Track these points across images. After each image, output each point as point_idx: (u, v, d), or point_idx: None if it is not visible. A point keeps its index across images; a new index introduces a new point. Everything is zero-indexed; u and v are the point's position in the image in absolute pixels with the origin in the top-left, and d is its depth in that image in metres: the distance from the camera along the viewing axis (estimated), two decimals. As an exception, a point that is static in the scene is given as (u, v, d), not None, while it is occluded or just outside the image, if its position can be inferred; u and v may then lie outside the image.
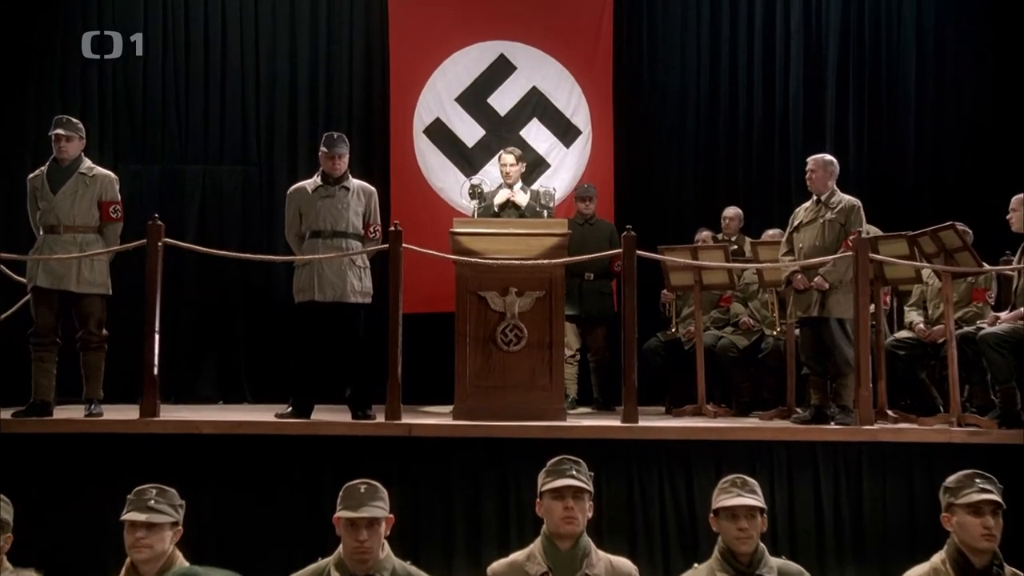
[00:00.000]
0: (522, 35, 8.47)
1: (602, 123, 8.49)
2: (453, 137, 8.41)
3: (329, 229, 6.11)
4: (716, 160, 8.70)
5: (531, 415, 5.72)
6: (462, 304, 5.91)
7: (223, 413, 6.82)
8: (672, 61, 8.72)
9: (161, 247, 5.83)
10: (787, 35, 8.69)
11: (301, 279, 6.13)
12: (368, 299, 6.19)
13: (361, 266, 6.19)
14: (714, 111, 8.70)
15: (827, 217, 6.20)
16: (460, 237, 6.09)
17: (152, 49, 8.42)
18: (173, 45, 8.43)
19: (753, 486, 3.61)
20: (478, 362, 5.86)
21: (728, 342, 7.24)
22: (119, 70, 8.39)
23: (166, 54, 8.42)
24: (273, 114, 8.47)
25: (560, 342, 6.00)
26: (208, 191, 8.37)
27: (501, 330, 5.82)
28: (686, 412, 6.93)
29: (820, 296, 6.11)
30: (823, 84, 8.66)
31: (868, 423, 5.80)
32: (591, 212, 7.77)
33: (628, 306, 5.84)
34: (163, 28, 8.44)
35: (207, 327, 8.30)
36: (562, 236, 6.12)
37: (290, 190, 6.37)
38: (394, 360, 5.75)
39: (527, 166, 7.67)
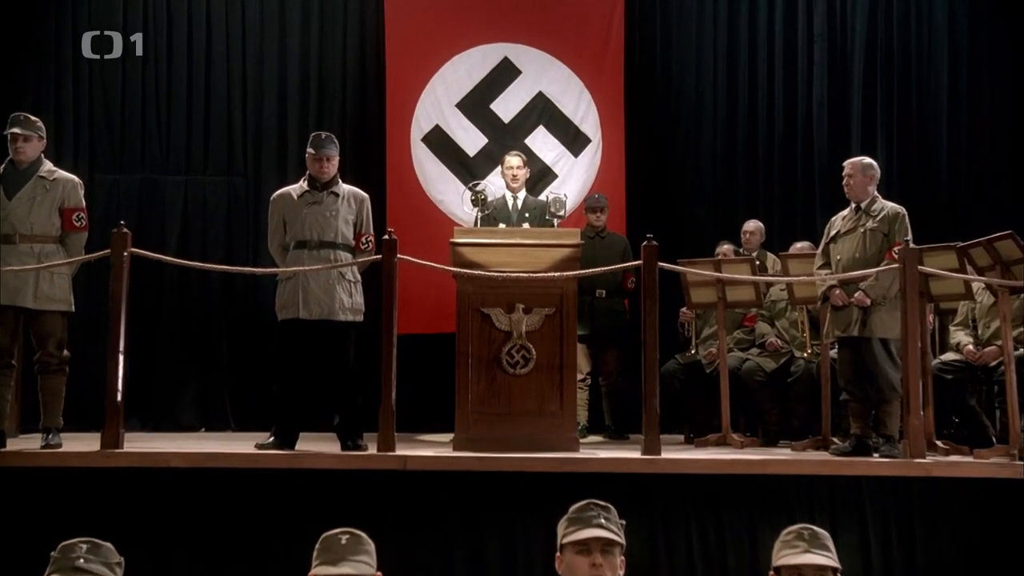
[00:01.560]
0: (527, 37, 8.06)
1: (613, 130, 8.07)
2: (453, 146, 7.99)
3: (316, 239, 5.66)
4: (735, 170, 8.25)
5: (540, 445, 5.30)
6: (464, 322, 5.51)
7: (198, 443, 6.30)
8: (687, 64, 8.30)
9: (127, 258, 5.25)
10: (810, 36, 8.25)
11: (284, 294, 5.67)
12: (359, 317, 5.75)
13: (351, 280, 5.72)
14: (732, 118, 8.26)
15: (868, 226, 5.69)
16: (461, 248, 5.68)
17: (130, 52, 7.95)
18: (154, 47, 7.97)
19: (824, 540, 2.98)
20: (481, 386, 5.46)
21: (754, 365, 6.71)
22: (95, 74, 7.93)
23: (146, 57, 7.96)
24: (261, 121, 8.03)
25: (572, 364, 5.62)
26: (191, 203, 7.91)
27: (507, 351, 5.42)
28: (709, 442, 6.43)
29: (861, 314, 5.59)
30: (849, 88, 8.20)
31: (919, 456, 5.24)
32: (602, 224, 7.37)
33: (649, 324, 5.36)
34: (143, 29, 7.97)
35: (188, 348, 7.82)
36: (574, 247, 5.71)
37: (274, 196, 5.91)
38: (388, 385, 5.28)
39: (532, 177, 7.28)
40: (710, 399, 6.70)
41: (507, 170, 6.88)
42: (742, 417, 6.92)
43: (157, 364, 7.65)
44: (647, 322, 5.40)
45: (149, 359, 7.56)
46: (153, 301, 7.68)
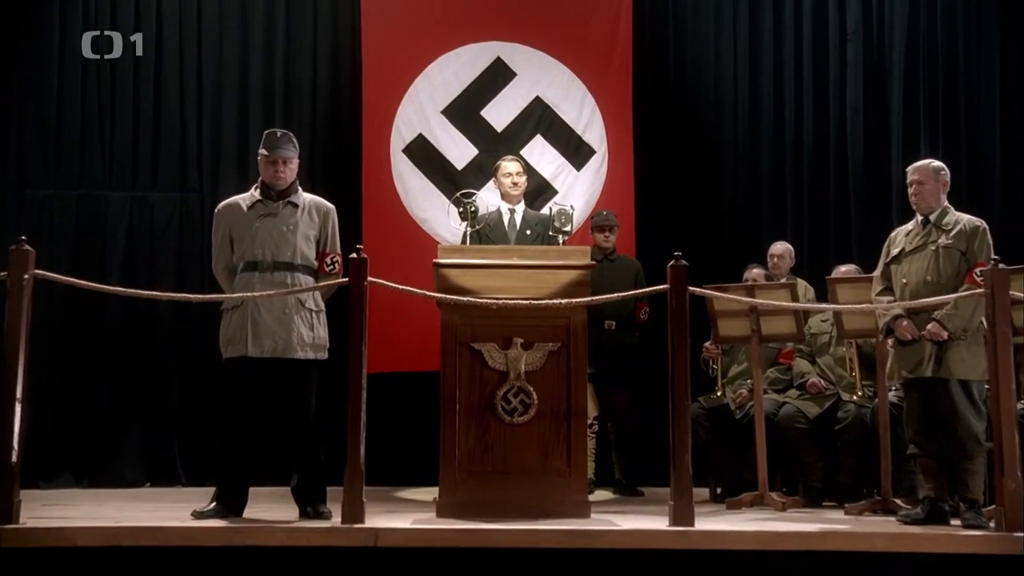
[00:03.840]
0: (523, 35, 7.48)
1: (620, 140, 7.47)
2: (439, 157, 7.35)
3: (269, 259, 4.85)
4: (759, 185, 7.65)
5: (543, 511, 4.59)
6: (450, 360, 4.82)
7: (133, 506, 5.39)
8: (704, 66, 7.71)
9: (28, 281, 4.24)
10: (843, 34, 7.63)
11: (231, 327, 4.85)
12: (322, 354, 4.94)
13: (313, 309, 4.90)
14: (755, 126, 7.67)
15: (941, 243, 4.80)
16: (447, 271, 4.92)
17: (69, 51, 7.17)
18: (95, 45, 7.19)
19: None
20: (471, 439, 4.78)
21: (793, 410, 5.82)
22: (27, 78, 7.14)
23: (86, 57, 7.19)
24: (218, 130, 7.32)
25: (582, 410, 4.94)
26: (136, 222, 7.16)
27: (502, 395, 4.78)
28: (744, 502, 5.57)
29: (935, 350, 4.67)
30: (887, 92, 7.61)
31: (1016, 527, 4.25)
32: (611, 246, 6.72)
33: (678, 363, 4.49)
34: (84, 24, 7.18)
35: (132, 390, 7.01)
36: (583, 269, 4.95)
37: (219, 207, 5.11)
38: (355, 439, 4.38)
39: (529, 192, 6.54)
40: (741, 450, 5.94)
41: (504, 177, 6.06)
42: (778, 471, 6.00)
43: (96, 409, 6.90)
44: (676, 360, 4.50)
45: (87, 403, 6.86)
46: (92, 336, 6.95)
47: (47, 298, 6.16)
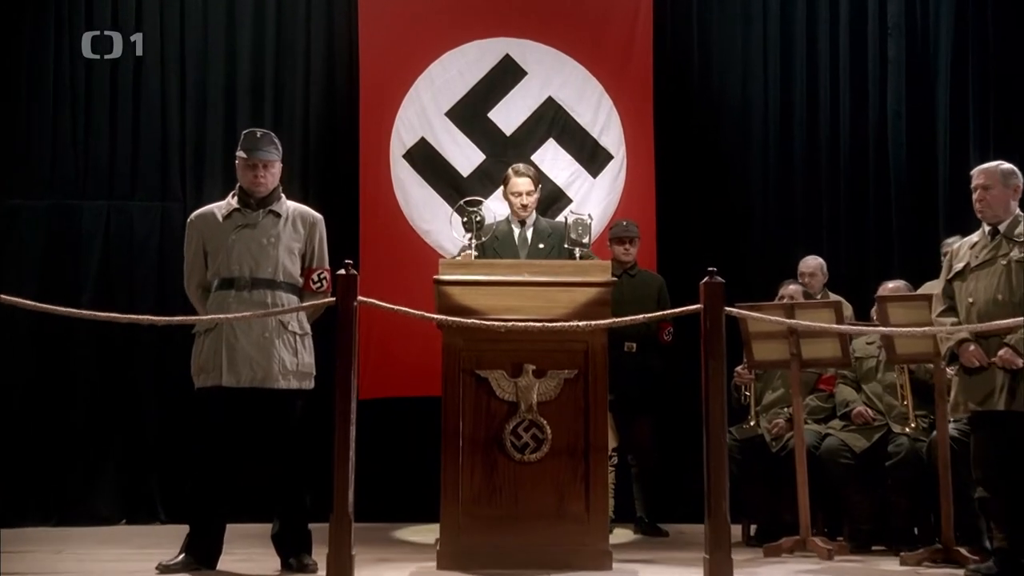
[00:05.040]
0: (534, 30, 7.06)
1: (640, 144, 7.05)
2: (443, 163, 6.91)
3: (247, 276, 4.46)
4: (791, 194, 7.18)
5: (558, 561, 4.25)
6: (452, 389, 4.43)
7: (87, 556, 4.89)
8: (731, 63, 7.27)
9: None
10: (883, 29, 7.16)
11: (203, 352, 4.46)
12: (307, 383, 4.55)
13: (297, 332, 4.51)
14: (787, 130, 7.21)
15: (1013, 256, 4.28)
16: (449, 289, 4.49)
17: (43, 49, 6.70)
18: (69, 44, 6.71)
19: None
20: (476, 479, 4.38)
21: (838, 443, 5.28)
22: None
23: (59, 54, 6.70)
24: (203, 133, 6.84)
25: (602, 446, 4.53)
26: (113, 233, 6.68)
27: (512, 429, 4.39)
28: (784, 548, 5.01)
29: (1008, 379, 4.15)
30: (933, 93, 7.16)
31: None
32: (632, 259, 6.25)
33: (714, 393, 3.97)
34: (55, 25, 6.70)
35: (108, 420, 6.50)
36: (603, 287, 4.51)
37: (191, 217, 4.73)
38: (342, 483, 3.90)
39: (541, 202, 5.97)
40: (777, 485, 5.42)
41: (512, 196, 5.50)
42: (820, 512, 5.44)
43: (69, 441, 6.39)
44: (711, 391, 3.98)
45: (58, 434, 6.34)
46: (62, 358, 6.46)
47: (10, 318, 5.65)
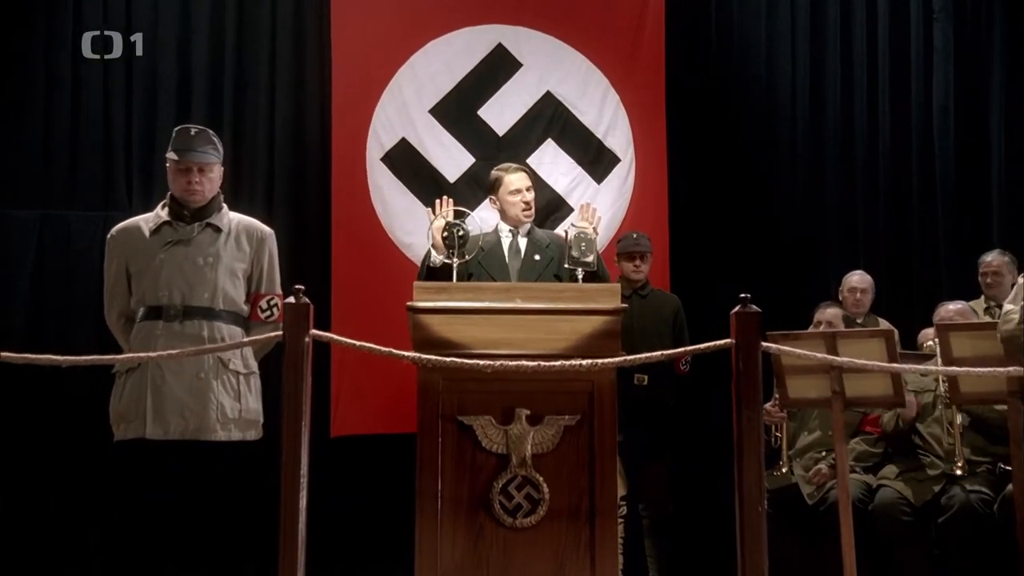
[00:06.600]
0: (530, 17, 6.70)
1: (650, 147, 6.70)
2: (426, 167, 6.54)
3: (179, 303, 4.00)
4: (822, 202, 6.80)
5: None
6: (430, 439, 3.91)
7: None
8: (754, 55, 6.90)
9: None
10: (928, 12, 6.76)
11: (123, 397, 4.03)
12: (252, 433, 4.11)
13: (241, 372, 4.09)
14: (818, 129, 6.85)
15: None
16: (425, 318, 3.95)
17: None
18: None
19: None
20: (459, 548, 3.89)
21: (894, 495, 4.71)
22: None
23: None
24: (152, 133, 6.38)
25: (611, 507, 3.93)
26: (48, 246, 6.29)
27: (501, 488, 3.92)
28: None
29: None
30: (985, 84, 6.74)
31: None
32: (643, 277, 5.78)
33: (748, 446, 3.45)
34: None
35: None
36: (613, 315, 3.95)
37: (112, 232, 4.28)
38: (291, 548, 3.31)
39: (538, 211, 5.51)
40: (814, 543, 4.90)
41: (511, 195, 4.83)
42: (867, 571, 4.80)
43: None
44: (746, 445, 3.38)
45: None
46: None
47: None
